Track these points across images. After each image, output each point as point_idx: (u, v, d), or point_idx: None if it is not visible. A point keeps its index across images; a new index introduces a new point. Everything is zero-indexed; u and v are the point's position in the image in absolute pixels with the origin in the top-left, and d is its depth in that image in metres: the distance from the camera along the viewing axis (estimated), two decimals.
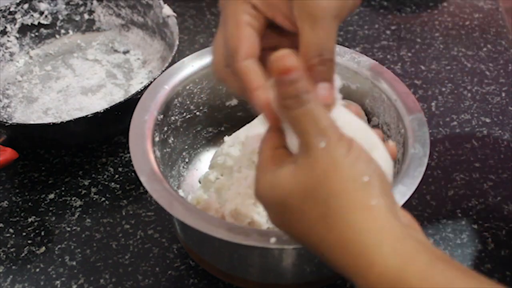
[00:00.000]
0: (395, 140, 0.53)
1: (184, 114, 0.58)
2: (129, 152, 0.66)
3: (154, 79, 0.61)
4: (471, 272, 0.32)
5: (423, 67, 0.76)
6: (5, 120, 0.67)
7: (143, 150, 0.50)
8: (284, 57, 0.33)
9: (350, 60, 0.56)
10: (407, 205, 0.43)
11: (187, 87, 0.57)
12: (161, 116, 0.54)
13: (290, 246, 0.42)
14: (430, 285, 0.31)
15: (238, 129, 0.58)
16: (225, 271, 0.52)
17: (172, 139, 0.57)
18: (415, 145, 0.49)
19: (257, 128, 0.55)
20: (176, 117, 0.57)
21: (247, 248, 0.43)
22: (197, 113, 0.59)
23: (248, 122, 0.58)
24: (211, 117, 0.61)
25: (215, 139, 0.63)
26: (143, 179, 0.47)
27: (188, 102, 0.58)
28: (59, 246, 0.58)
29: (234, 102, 0.61)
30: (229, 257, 0.50)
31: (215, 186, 0.55)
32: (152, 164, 0.49)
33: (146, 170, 0.48)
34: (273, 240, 0.41)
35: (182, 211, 0.45)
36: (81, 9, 0.79)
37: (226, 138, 0.58)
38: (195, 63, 0.57)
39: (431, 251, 0.33)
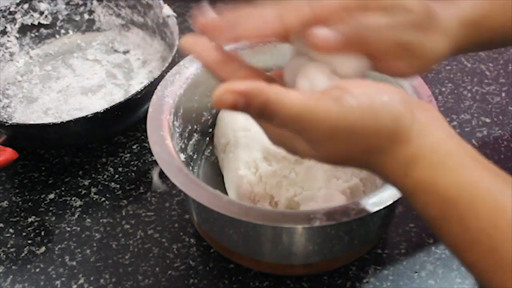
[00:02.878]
0: None
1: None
2: (129, 152, 0.67)
3: (154, 79, 0.61)
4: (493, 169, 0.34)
5: None
6: (5, 120, 0.68)
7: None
8: (221, 99, 0.33)
9: None
10: (407, 205, 0.43)
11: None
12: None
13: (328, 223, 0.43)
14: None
15: None
16: (240, 253, 0.53)
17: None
18: None
19: None
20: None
21: (271, 228, 0.47)
22: None
23: None
24: None
25: None
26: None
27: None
28: (59, 246, 0.58)
29: None
30: (250, 239, 0.51)
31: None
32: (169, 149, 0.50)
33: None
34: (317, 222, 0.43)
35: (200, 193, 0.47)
36: (81, 9, 0.79)
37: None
38: None
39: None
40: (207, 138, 0.64)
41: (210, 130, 0.63)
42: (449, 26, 0.41)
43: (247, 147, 0.55)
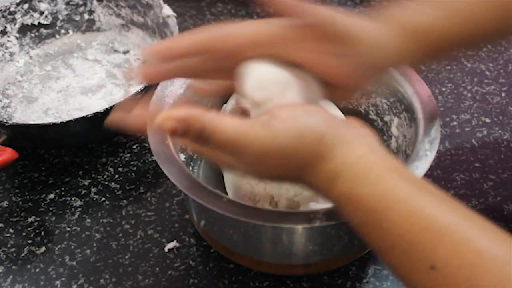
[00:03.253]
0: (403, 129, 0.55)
1: None
2: (129, 152, 0.67)
3: None
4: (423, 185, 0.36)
5: (423, 67, 0.76)
6: (5, 120, 0.68)
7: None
8: (162, 126, 0.38)
9: None
10: None
11: None
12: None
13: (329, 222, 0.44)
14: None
15: None
16: (240, 253, 0.53)
17: None
18: (424, 143, 0.49)
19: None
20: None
21: (271, 229, 0.47)
22: None
23: None
24: None
25: None
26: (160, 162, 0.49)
27: None
28: (59, 246, 0.58)
29: None
30: (250, 239, 0.51)
31: None
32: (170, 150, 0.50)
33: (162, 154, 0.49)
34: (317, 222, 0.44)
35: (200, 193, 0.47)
36: (81, 9, 0.79)
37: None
38: None
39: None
40: None
41: None
42: (389, 34, 0.42)
43: None
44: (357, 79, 0.43)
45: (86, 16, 0.79)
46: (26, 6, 0.76)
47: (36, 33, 0.78)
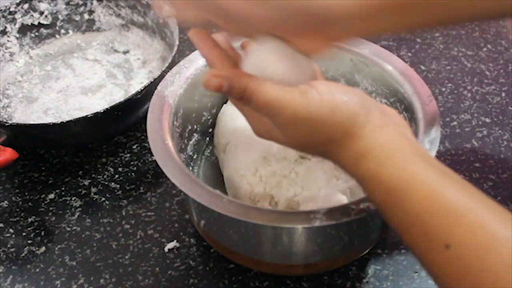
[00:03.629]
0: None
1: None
2: (129, 152, 0.67)
3: (154, 79, 0.61)
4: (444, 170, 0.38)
5: (423, 67, 0.76)
6: (5, 120, 0.68)
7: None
8: (209, 82, 0.40)
9: None
10: None
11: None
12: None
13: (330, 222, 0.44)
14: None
15: None
16: (240, 253, 0.53)
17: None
18: (424, 143, 0.49)
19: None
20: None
21: (271, 228, 0.47)
22: None
23: None
24: None
25: None
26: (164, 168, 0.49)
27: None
28: (59, 246, 0.58)
29: None
30: (251, 239, 0.51)
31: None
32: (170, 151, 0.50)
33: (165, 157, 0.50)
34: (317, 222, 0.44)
35: (201, 193, 0.47)
36: (81, 9, 0.79)
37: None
38: None
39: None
40: (207, 138, 0.63)
41: (210, 130, 0.63)
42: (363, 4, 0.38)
43: (247, 147, 0.55)
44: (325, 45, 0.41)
45: (86, 16, 0.79)
46: (26, 6, 0.76)
47: (36, 33, 0.78)
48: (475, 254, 0.33)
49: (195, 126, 0.60)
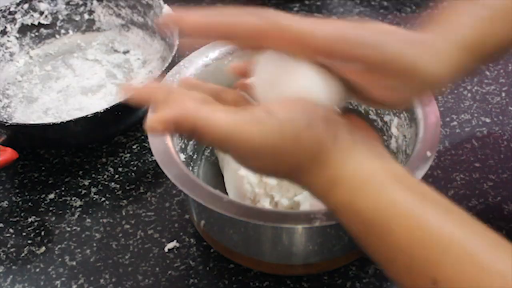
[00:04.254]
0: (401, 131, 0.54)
1: None
2: (129, 152, 0.67)
3: (154, 79, 0.61)
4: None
5: None
6: (5, 120, 0.67)
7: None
8: (152, 128, 0.36)
9: None
10: None
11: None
12: None
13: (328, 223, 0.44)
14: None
15: None
16: (240, 253, 0.53)
17: None
18: (424, 144, 0.49)
19: None
20: None
21: (271, 228, 0.47)
22: None
23: None
24: None
25: None
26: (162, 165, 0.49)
27: None
28: (59, 246, 0.58)
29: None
30: (251, 239, 0.51)
31: None
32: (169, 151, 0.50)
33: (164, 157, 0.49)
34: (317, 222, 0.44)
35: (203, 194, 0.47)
36: (81, 9, 0.79)
37: None
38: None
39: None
40: None
41: None
42: (448, 53, 0.39)
43: None
44: (408, 102, 0.41)
45: (86, 16, 0.79)
46: (26, 6, 0.75)
47: (36, 33, 0.78)
48: (464, 287, 0.31)
49: None
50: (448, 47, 0.39)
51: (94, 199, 0.62)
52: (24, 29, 0.76)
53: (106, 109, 0.60)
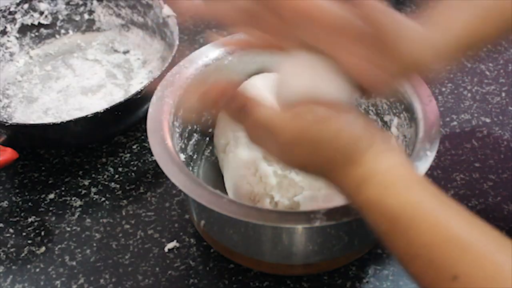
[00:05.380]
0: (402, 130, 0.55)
1: None
2: (129, 152, 0.67)
3: (154, 79, 0.61)
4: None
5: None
6: (5, 120, 0.68)
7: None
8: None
9: None
10: None
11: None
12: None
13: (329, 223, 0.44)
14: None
15: None
16: (240, 253, 0.53)
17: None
18: (424, 144, 0.49)
19: None
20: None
21: (272, 229, 0.48)
22: None
23: None
24: None
25: None
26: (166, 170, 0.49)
27: None
28: (59, 246, 0.58)
29: None
30: (250, 239, 0.51)
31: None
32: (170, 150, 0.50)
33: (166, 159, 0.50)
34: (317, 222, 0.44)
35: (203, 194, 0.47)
36: (81, 9, 0.79)
37: None
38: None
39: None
40: (207, 138, 0.63)
41: (210, 130, 0.63)
42: (442, 51, 0.42)
43: (247, 147, 0.55)
44: (391, 85, 0.43)
45: (86, 16, 0.79)
46: (26, 6, 0.75)
47: (36, 33, 0.78)
48: (483, 284, 0.33)
49: (195, 126, 0.60)
50: (434, 35, 0.42)
51: (94, 199, 0.62)
52: (24, 29, 0.76)
53: (106, 109, 0.60)
